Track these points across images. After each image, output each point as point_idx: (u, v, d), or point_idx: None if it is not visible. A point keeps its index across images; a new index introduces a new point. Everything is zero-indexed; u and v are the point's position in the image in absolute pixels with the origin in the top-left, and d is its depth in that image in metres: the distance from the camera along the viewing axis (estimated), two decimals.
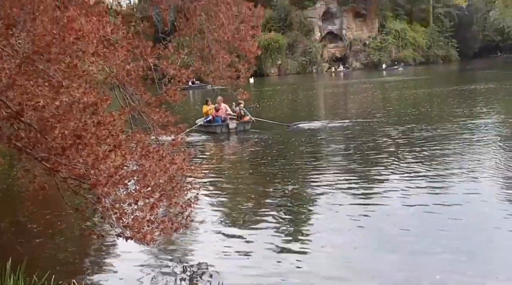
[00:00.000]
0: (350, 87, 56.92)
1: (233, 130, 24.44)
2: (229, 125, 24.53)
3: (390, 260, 8.52)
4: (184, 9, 8.81)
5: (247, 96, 10.11)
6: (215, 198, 12.92)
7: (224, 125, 24.53)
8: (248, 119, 25.13)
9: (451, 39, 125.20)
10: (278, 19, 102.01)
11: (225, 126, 24.57)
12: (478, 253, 8.60)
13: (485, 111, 26.12)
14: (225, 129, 24.50)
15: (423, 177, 13.42)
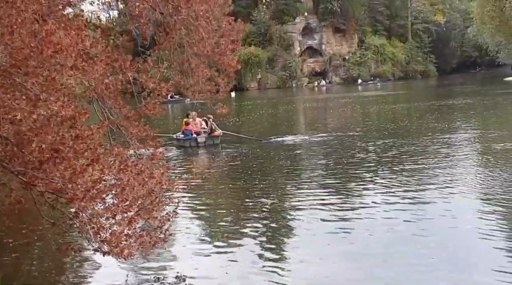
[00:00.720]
0: (330, 101, 57.18)
1: (201, 144, 24.61)
2: (198, 139, 24.71)
3: (368, 273, 8.55)
4: (164, 23, 8.81)
5: (226, 110, 10.10)
6: (194, 212, 12.87)
7: (192, 139, 24.58)
8: (218, 134, 25.26)
9: (429, 54, 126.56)
10: (258, 34, 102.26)
11: (194, 140, 24.70)
12: (453, 264, 8.67)
13: (462, 126, 26.37)
14: (193, 143, 24.64)
15: (401, 191, 13.49)
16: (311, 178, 16.16)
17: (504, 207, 11.60)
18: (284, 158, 20.11)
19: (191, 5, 8.19)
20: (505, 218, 10.87)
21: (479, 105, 39.19)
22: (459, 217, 11.18)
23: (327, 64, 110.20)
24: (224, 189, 15.91)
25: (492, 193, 12.79)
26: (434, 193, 13.10)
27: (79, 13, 7.80)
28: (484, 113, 33.94)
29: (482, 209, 11.55)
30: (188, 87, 9.71)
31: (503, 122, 27.99)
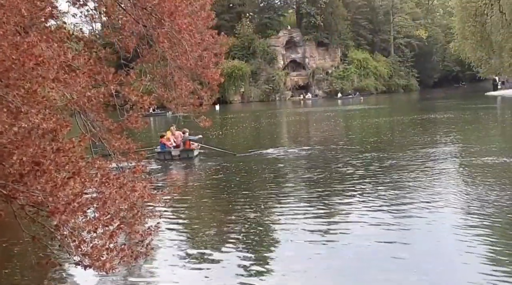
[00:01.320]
0: (313, 115, 57.37)
1: (176, 157, 24.71)
2: (172, 152, 24.87)
3: None
4: (147, 36, 8.80)
5: (209, 123, 10.10)
6: (176, 226, 12.81)
7: (166, 152, 24.63)
8: (193, 147, 25.39)
9: (411, 69, 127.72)
10: (241, 47, 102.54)
11: (168, 153, 24.84)
12: (434, 280, 8.67)
13: (444, 140, 26.52)
14: (168, 156, 24.75)
15: (384, 205, 13.53)
16: (294, 191, 16.16)
17: (485, 221, 11.68)
18: (267, 171, 20.10)
19: (175, 18, 8.19)
20: (485, 232, 10.92)
21: (460, 120, 39.54)
22: (440, 231, 11.24)
23: (310, 77, 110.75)
24: (206, 202, 15.86)
25: (473, 207, 12.86)
26: (416, 207, 13.15)
27: (61, 25, 7.77)
28: (465, 127, 34.21)
29: (463, 224, 11.61)
30: (171, 100, 9.70)
31: (484, 136, 28.22)
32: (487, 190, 14.41)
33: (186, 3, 8.81)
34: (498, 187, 14.71)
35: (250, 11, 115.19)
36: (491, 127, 33.16)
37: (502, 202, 13.10)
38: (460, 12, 79.32)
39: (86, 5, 7.98)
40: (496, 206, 12.72)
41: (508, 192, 14.04)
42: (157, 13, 8.18)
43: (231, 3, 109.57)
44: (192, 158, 24.87)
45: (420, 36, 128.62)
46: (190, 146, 25.33)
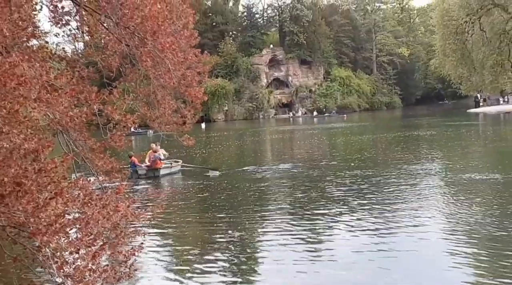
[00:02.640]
0: (296, 133, 57.48)
1: (142, 176, 24.99)
2: (138, 171, 25.18)
3: None
4: (130, 55, 8.79)
5: (192, 142, 10.07)
6: (160, 245, 12.73)
7: (133, 171, 24.81)
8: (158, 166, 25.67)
9: (394, 86, 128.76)
10: (225, 66, 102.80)
11: (134, 172, 25.02)
12: None
13: (428, 157, 26.64)
14: (135, 175, 24.92)
15: (368, 221, 13.56)
16: (279, 209, 16.13)
17: (469, 236, 11.75)
18: (252, 189, 20.06)
19: (157, 37, 8.20)
20: (469, 247, 10.97)
21: (443, 137, 39.82)
22: (425, 248, 11.26)
23: (293, 95, 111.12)
24: (191, 221, 15.77)
25: (457, 223, 12.92)
26: (400, 223, 13.20)
27: (43, 45, 7.76)
28: (448, 144, 34.40)
29: (448, 239, 11.66)
30: (154, 119, 9.67)
31: (467, 153, 28.40)
32: (470, 206, 14.50)
33: (169, 22, 8.82)
34: (481, 203, 14.80)
35: (233, 29, 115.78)
36: (473, 144, 33.39)
37: (485, 217, 13.17)
38: (441, 30, 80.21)
39: (69, 24, 7.95)
40: (480, 222, 12.78)
41: (490, 208, 14.12)
42: (140, 32, 8.18)
43: (214, 22, 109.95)
44: (158, 177, 25.15)
45: (402, 53, 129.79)
46: (159, 165, 25.66)
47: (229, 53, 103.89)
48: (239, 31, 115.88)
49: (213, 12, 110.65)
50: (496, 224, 12.51)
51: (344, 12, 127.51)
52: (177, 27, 9.28)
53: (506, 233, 11.81)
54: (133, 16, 7.86)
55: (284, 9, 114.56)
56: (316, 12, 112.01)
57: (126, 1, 7.93)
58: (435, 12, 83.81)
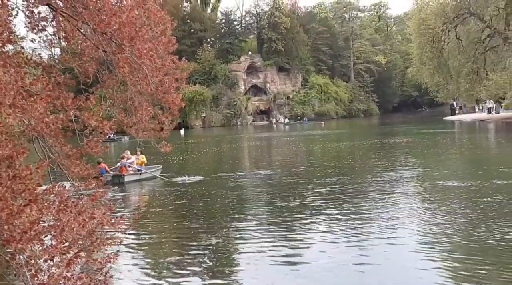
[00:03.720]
0: (274, 140, 57.60)
1: (109, 182, 24.87)
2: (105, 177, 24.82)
3: None
4: (107, 61, 8.74)
5: (170, 148, 10.03)
6: (137, 253, 12.64)
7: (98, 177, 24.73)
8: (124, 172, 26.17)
9: (371, 94, 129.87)
10: (203, 72, 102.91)
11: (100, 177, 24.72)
12: None
13: (404, 164, 26.81)
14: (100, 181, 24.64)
15: (346, 227, 13.60)
16: (257, 216, 16.11)
17: (444, 242, 11.83)
18: (229, 196, 20.02)
19: (135, 43, 8.16)
20: (445, 253, 11.05)
21: (420, 144, 40.14)
22: (400, 253, 11.32)
23: (271, 102, 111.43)
24: (168, 228, 15.69)
25: (432, 229, 13.00)
26: (377, 230, 13.26)
27: (19, 50, 7.68)
28: (425, 152, 34.68)
29: (423, 245, 11.73)
30: (131, 125, 9.62)
31: (443, 160, 28.60)
32: (446, 213, 14.62)
33: (147, 29, 8.80)
34: (456, 210, 14.92)
35: (212, 36, 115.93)
36: (449, 152, 33.64)
37: (460, 224, 13.28)
38: (418, 38, 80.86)
39: (45, 30, 7.89)
40: (455, 229, 12.88)
41: (465, 215, 14.23)
42: (117, 38, 8.14)
43: (192, 29, 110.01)
44: (123, 184, 25.37)
45: (380, 61, 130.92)
46: (124, 172, 26.13)
47: (207, 60, 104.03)
48: (217, 38, 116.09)
49: (191, 19, 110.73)
50: (470, 231, 12.62)
51: (322, 20, 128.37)
52: (155, 34, 9.25)
53: (479, 239, 11.91)
54: (110, 22, 7.82)
55: (262, 16, 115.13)
56: (294, 19, 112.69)
57: (104, 7, 7.90)
58: (412, 20, 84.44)
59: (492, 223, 13.25)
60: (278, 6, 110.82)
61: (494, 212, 14.50)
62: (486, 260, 10.57)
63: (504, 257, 10.70)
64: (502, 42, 72.33)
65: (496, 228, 12.70)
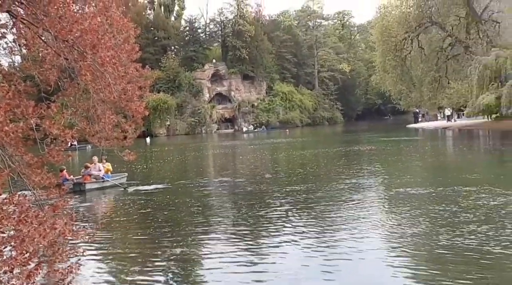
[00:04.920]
0: (238, 148, 57.61)
1: (70, 190, 24.59)
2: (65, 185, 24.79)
3: None
4: (69, 69, 8.63)
5: (133, 157, 9.93)
6: (100, 263, 12.48)
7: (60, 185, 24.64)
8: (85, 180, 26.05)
9: (336, 101, 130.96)
10: (167, 80, 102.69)
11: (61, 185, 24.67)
12: None
13: (368, 172, 27.01)
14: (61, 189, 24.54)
15: (311, 234, 13.63)
16: (222, 224, 16.06)
17: (406, 248, 11.93)
18: (194, 204, 19.93)
19: (97, 51, 8.08)
20: (408, 258, 11.15)
21: (383, 152, 40.53)
22: (366, 259, 11.37)
23: (236, 110, 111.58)
24: (132, 237, 15.54)
25: (395, 234, 13.10)
26: (343, 236, 13.33)
27: None
28: (389, 159, 35.02)
29: (387, 251, 11.82)
30: (94, 134, 9.50)
31: (406, 168, 28.90)
32: (409, 219, 14.76)
33: (110, 36, 8.72)
34: (419, 216, 15.06)
35: (176, 44, 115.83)
36: (412, 159, 34.01)
37: (423, 230, 13.41)
38: (381, 47, 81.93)
39: (5, 37, 7.77)
40: (417, 235, 13.00)
41: (429, 221, 14.38)
42: (79, 45, 8.04)
43: (156, 37, 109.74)
44: (84, 192, 25.22)
45: (343, 69, 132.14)
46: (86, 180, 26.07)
47: (171, 68, 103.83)
48: (182, 45, 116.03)
49: (155, 27, 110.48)
50: (432, 237, 12.74)
51: (286, 28, 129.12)
52: (118, 41, 9.17)
53: (441, 245, 12.03)
54: (72, 29, 7.73)
55: (226, 24, 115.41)
56: (259, 27, 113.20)
57: (65, 14, 7.80)
58: (375, 29, 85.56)
59: (454, 229, 13.40)
60: (242, 14, 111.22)
61: (455, 218, 14.67)
62: (448, 266, 10.68)
63: (465, 262, 10.82)
64: (463, 51, 73.73)
65: (458, 234, 12.84)
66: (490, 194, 17.85)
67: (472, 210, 15.45)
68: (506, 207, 15.54)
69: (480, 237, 12.44)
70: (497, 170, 25.57)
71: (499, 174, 23.59)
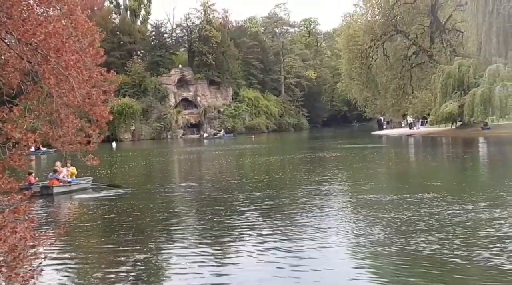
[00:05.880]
0: (204, 153, 57.55)
1: (37, 194, 24.73)
2: (33, 188, 24.70)
3: None
4: (32, 72, 8.55)
5: (97, 161, 9.86)
6: (62, 268, 12.34)
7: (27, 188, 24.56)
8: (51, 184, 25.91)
9: (301, 108, 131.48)
10: (132, 85, 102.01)
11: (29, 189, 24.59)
12: None
13: (334, 178, 27.17)
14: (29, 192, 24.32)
15: (276, 240, 13.68)
16: (186, 230, 16.03)
17: (370, 253, 12.07)
18: (159, 210, 19.85)
19: (61, 54, 8.02)
20: (370, 262, 11.29)
21: (348, 158, 40.82)
22: (330, 265, 11.46)
23: (202, 116, 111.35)
24: (96, 243, 15.40)
25: (360, 240, 13.24)
26: (308, 242, 13.41)
27: None
28: (353, 166, 35.29)
29: (351, 256, 11.97)
30: (57, 138, 9.41)
31: (370, 174, 29.15)
32: (373, 225, 14.92)
33: (74, 40, 8.67)
34: (382, 222, 15.23)
35: (141, 49, 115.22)
36: (376, 166, 34.34)
37: (385, 235, 13.56)
38: (347, 54, 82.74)
39: None
40: (381, 240, 13.15)
41: (391, 226, 14.56)
42: (43, 49, 7.98)
43: (122, 41, 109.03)
44: (52, 195, 25.15)
45: (309, 76, 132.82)
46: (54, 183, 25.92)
47: (137, 72, 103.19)
48: (148, 50, 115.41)
49: (121, 31, 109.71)
50: (395, 242, 12.89)
51: (253, 34, 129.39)
52: (83, 45, 9.12)
53: (404, 250, 12.18)
54: (35, 33, 7.67)
55: (193, 29, 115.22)
56: (225, 33, 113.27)
57: (29, 17, 7.74)
58: (341, 36, 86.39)
59: (417, 234, 13.59)
60: (209, 19, 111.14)
61: (418, 224, 14.87)
62: (410, 271, 10.84)
63: (427, 267, 10.98)
64: (427, 59, 74.87)
65: (422, 240, 13.03)
66: (448, 201, 18.17)
67: (429, 218, 15.66)
68: (459, 215, 15.80)
69: (433, 244, 12.62)
70: (458, 178, 25.97)
71: (459, 182, 23.98)
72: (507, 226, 13.97)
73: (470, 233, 13.50)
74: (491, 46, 55.34)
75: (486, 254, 11.57)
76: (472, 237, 13.13)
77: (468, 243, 12.58)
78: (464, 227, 14.16)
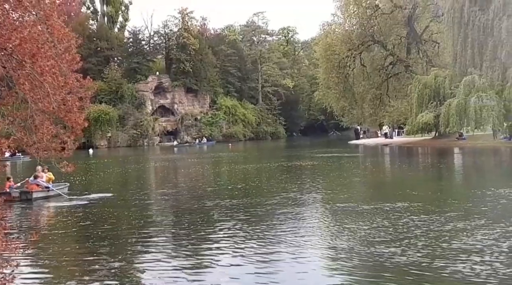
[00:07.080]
0: (180, 161, 57.36)
1: (16, 199, 24.82)
2: (12, 193, 25.22)
3: None
4: (7, 78, 8.47)
5: (72, 168, 9.78)
6: (35, 275, 12.19)
7: (6, 193, 24.83)
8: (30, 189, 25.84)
9: (279, 116, 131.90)
10: (109, 91, 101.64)
11: (8, 194, 24.89)
12: None
13: (310, 187, 27.16)
14: (8, 197, 24.53)
15: (252, 249, 13.64)
16: (161, 238, 15.93)
17: (345, 261, 12.10)
18: (136, 217, 19.72)
19: (37, 60, 7.96)
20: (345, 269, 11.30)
21: (325, 167, 40.94)
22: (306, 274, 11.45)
23: (179, 123, 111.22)
24: (70, 251, 15.22)
25: (335, 248, 13.26)
26: (284, 250, 13.39)
27: None
28: (330, 174, 35.41)
29: (327, 264, 11.97)
30: (31, 144, 9.32)
31: (347, 183, 29.27)
32: (348, 234, 14.93)
33: (50, 45, 8.60)
34: (358, 231, 15.26)
35: (119, 55, 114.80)
36: (352, 175, 34.47)
37: (361, 244, 13.59)
38: (325, 64, 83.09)
39: None
40: (356, 249, 13.17)
41: (366, 236, 14.59)
42: (18, 54, 7.91)
43: (99, 47, 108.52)
44: (31, 200, 24.96)
45: (287, 85, 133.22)
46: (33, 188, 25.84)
47: (114, 79, 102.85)
48: (125, 57, 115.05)
49: (98, 37, 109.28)
50: (371, 251, 12.93)
51: (231, 42, 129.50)
52: (58, 51, 9.05)
53: (380, 259, 12.22)
54: (10, 38, 7.60)
55: (171, 36, 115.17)
56: (203, 41, 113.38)
57: (4, 22, 7.67)
58: (319, 46, 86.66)
59: (381, 244, 13.62)
60: (187, 27, 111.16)
61: (384, 234, 14.92)
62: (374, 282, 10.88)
63: (388, 278, 11.02)
64: (403, 70, 75.49)
65: (385, 251, 13.06)
66: (418, 211, 18.22)
67: (395, 228, 15.70)
68: (426, 225, 15.87)
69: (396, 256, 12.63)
70: (432, 188, 26.12)
71: (433, 192, 24.14)
72: (472, 238, 14.03)
73: (435, 244, 13.54)
74: (466, 57, 55.88)
75: (450, 265, 11.61)
76: (437, 248, 13.17)
77: (432, 254, 12.62)
78: (429, 238, 14.20)
